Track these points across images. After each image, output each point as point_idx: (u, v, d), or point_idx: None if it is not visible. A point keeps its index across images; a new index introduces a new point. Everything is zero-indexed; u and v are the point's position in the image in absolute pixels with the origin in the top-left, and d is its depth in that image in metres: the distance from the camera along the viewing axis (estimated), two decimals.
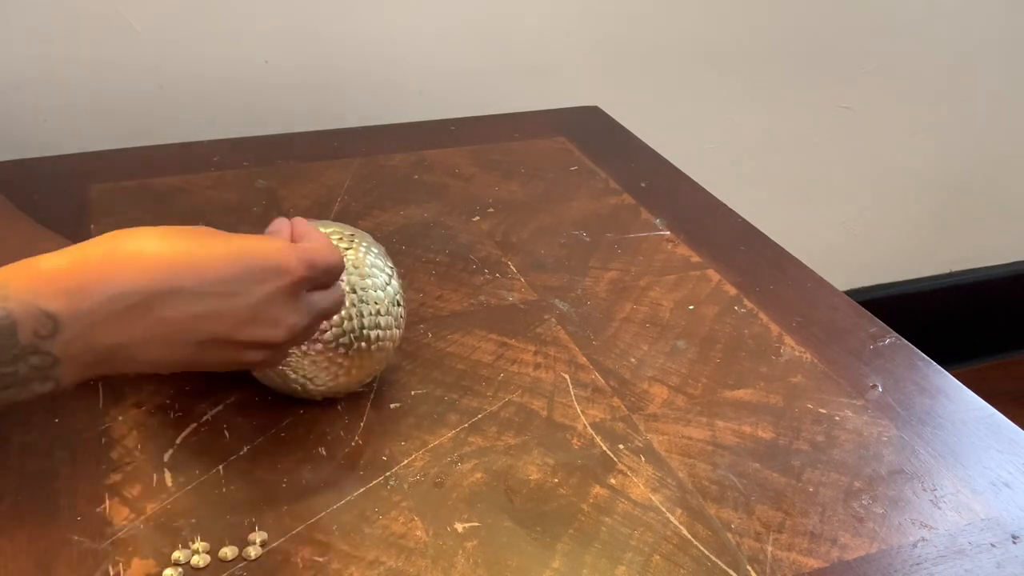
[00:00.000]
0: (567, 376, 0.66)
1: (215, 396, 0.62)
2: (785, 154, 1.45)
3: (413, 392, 0.64)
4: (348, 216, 0.86)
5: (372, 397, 0.63)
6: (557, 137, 1.06)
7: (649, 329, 0.72)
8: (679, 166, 1.00)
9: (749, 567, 0.51)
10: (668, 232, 0.86)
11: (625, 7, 1.24)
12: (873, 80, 1.44)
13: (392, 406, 0.62)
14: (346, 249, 0.58)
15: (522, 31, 1.20)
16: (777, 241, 0.85)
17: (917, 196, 1.60)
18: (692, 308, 0.75)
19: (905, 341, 0.72)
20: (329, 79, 1.14)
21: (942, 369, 0.69)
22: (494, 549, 0.52)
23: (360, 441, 0.59)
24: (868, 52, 1.41)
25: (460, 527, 0.53)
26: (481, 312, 0.73)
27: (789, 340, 0.71)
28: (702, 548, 0.52)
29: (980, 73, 1.51)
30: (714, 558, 0.52)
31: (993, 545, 0.54)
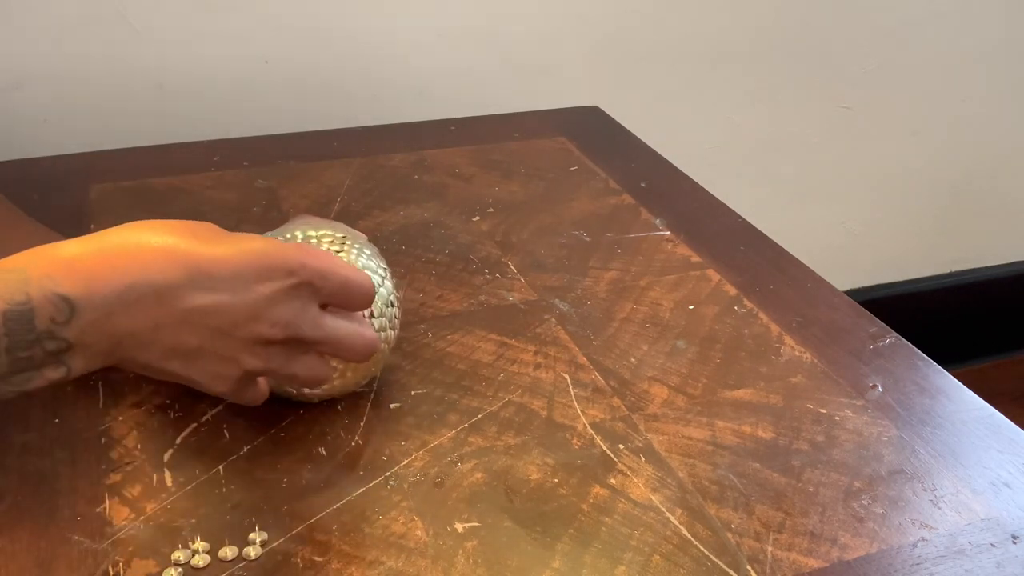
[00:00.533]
0: (567, 376, 0.66)
1: (215, 396, 0.62)
2: (785, 154, 1.45)
3: (413, 392, 0.64)
4: (348, 216, 0.86)
5: (372, 397, 0.63)
6: (557, 137, 1.06)
7: (649, 329, 0.72)
8: (679, 166, 1.00)
9: (749, 567, 0.51)
10: (668, 232, 0.86)
11: (625, 7, 1.24)
12: (873, 80, 1.44)
13: (392, 406, 0.62)
14: (337, 252, 0.58)
15: (522, 31, 1.20)
16: (777, 241, 0.85)
17: (917, 196, 1.60)
18: (692, 308, 0.75)
19: (905, 341, 0.72)
20: (329, 79, 1.14)
21: (942, 369, 0.69)
22: (494, 549, 0.52)
23: (360, 441, 0.59)
24: (868, 52, 1.41)
25: (460, 527, 0.53)
26: (481, 312, 0.73)
27: (789, 340, 0.71)
28: (702, 548, 0.52)
29: (980, 73, 1.51)
30: (714, 558, 0.52)
31: (993, 545, 0.54)
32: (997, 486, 0.58)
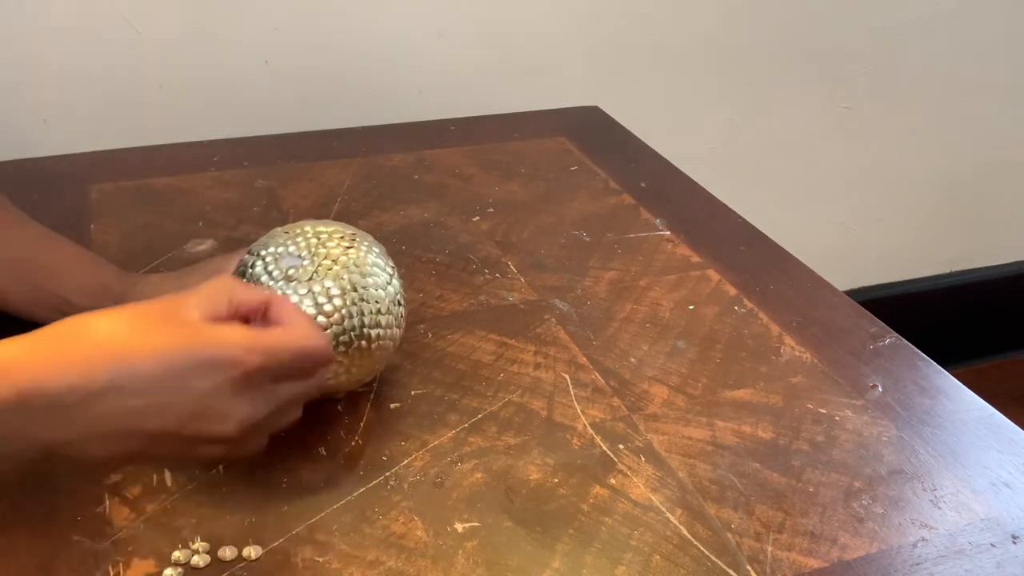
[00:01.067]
0: (567, 376, 0.66)
1: None
2: (785, 154, 1.45)
3: (413, 392, 0.64)
4: (348, 216, 0.86)
5: (372, 397, 0.63)
6: (557, 137, 1.06)
7: (649, 329, 0.72)
8: (679, 166, 1.00)
9: (749, 567, 0.51)
10: (668, 232, 0.86)
11: (625, 7, 1.24)
12: (873, 80, 1.44)
13: (392, 406, 0.62)
14: (348, 248, 0.58)
15: (522, 31, 1.20)
16: (777, 241, 0.85)
17: (917, 196, 1.60)
18: (692, 308, 0.75)
19: (905, 341, 0.72)
20: (329, 79, 1.14)
21: (942, 369, 0.69)
22: (494, 549, 0.52)
23: (360, 441, 0.59)
24: (868, 52, 1.41)
25: (460, 527, 0.53)
26: (481, 312, 0.73)
27: (789, 340, 0.71)
28: (702, 548, 0.52)
29: (980, 73, 1.51)
30: (714, 558, 0.52)
31: (993, 545, 0.54)
32: (997, 486, 0.58)
